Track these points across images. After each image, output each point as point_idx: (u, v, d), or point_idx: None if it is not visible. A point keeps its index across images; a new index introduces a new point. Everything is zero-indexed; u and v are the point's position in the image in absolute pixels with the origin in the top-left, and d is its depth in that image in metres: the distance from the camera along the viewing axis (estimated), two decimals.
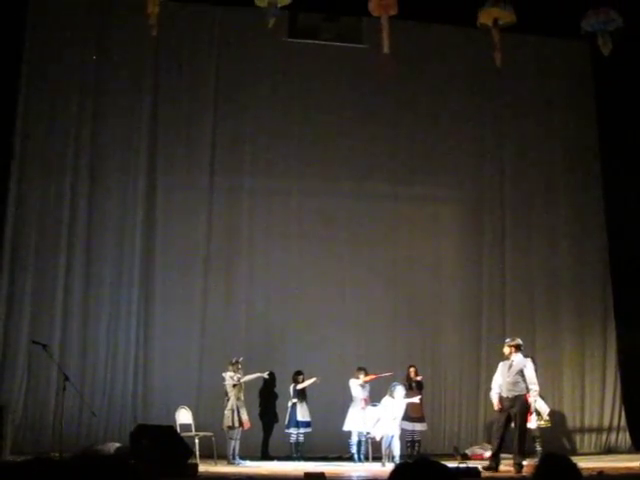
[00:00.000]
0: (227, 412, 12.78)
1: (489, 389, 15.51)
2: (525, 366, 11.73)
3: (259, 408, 14.13)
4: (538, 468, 3.44)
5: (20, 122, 14.80)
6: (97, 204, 15.00)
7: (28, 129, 14.84)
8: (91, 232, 14.89)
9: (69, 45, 15.11)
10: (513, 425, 11.66)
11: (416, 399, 13.63)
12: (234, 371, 12.93)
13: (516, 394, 11.60)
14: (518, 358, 11.79)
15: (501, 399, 11.86)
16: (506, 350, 11.94)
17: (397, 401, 12.85)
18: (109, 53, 15.30)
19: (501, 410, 11.75)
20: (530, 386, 11.62)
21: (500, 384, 11.86)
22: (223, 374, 13.01)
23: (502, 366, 11.97)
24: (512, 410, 11.59)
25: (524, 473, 10.82)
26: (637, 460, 11.61)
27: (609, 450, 15.73)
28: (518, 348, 11.90)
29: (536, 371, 12.18)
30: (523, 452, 11.46)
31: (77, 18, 15.24)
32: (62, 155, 14.92)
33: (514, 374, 11.66)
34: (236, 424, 12.75)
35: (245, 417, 12.93)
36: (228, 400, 12.85)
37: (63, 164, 14.90)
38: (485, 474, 10.44)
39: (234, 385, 12.87)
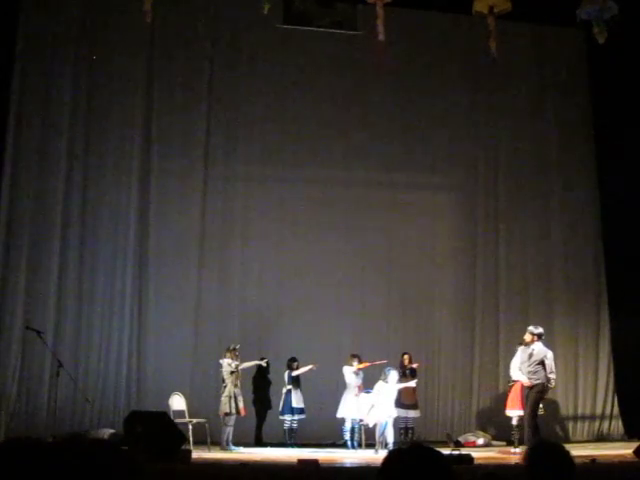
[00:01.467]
0: (224, 399, 12.79)
1: (482, 377, 15.71)
2: (546, 356, 11.81)
3: (253, 395, 14.15)
4: (529, 456, 3.44)
5: (14, 105, 14.72)
6: (91, 193, 14.95)
7: (22, 113, 14.76)
8: (85, 220, 14.86)
9: (63, 32, 15.05)
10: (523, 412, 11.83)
11: (412, 383, 13.68)
12: (232, 358, 12.93)
13: (535, 382, 11.71)
14: (539, 347, 11.89)
15: (521, 386, 12.04)
16: (527, 337, 12.04)
17: (390, 385, 12.87)
18: (103, 41, 15.21)
19: (531, 387, 11.79)
20: (549, 375, 11.72)
21: (519, 368, 11.98)
22: (220, 361, 13.02)
23: (521, 352, 12.10)
24: (528, 396, 11.76)
25: (517, 460, 10.86)
26: (630, 448, 11.63)
27: (602, 438, 15.78)
28: (540, 337, 11.99)
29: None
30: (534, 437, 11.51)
31: (71, 3, 15.17)
32: (56, 143, 14.84)
33: (535, 363, 11.76)
34: (233, 411, 12.77)
35: (242, 404, 12.97)
36: (225, 387, 12.85)
37: (57, 152, 14.82)
38: (478, 460, 10.45)
39: (232, 372, 12.88)
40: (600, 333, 16.31)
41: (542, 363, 11.76)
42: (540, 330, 12.10)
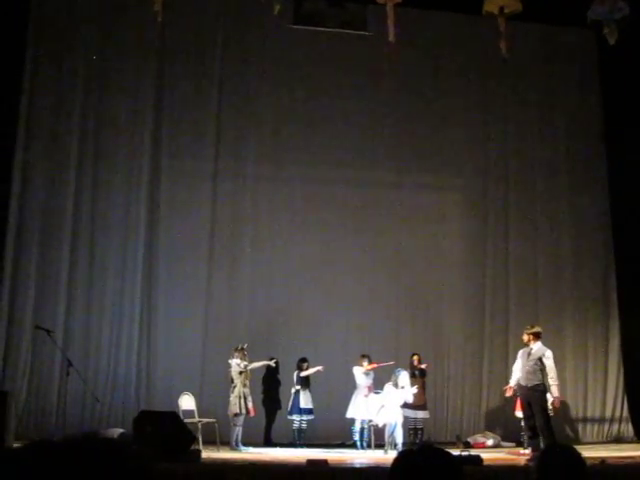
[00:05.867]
0: (234, 399, 12.79)
1: (492, 377, 15.67)
2: (544, 355, 11.70)
3: (262, 395, 14.15)
4: (542, 458, 3.42)
5: (24, 108, 14.75)
6: (101, 191, 14.97)
7: (32, 113, 14.80)
8: (95, 218, 14.88)
9: (73, 30, 15.07)
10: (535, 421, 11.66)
11: (413, 389, 13.67)
12: (240, 358, 12.93)
13: (535, 383, 11.59)
14: (537, 346, 11.77)
15: (520, 387, 11.90)
16: (525, 338, 11.93)
17: (403, 387, 12.84)
18: (114, 39, 15.26)
19: (528, 388, 11.69)
20: (550, 380, 11.59)
21: (519, 376, 11.86)
22: (229, 361, 13.01)
23: (522, 354, 11.97)
24: (531, 400, 11.62)
25: (526, 463, 10.82)
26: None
27: (612, 440, 15.73)
28: (537, 336, 11.88)
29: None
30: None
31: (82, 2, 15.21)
32: (66, 143, 14.87)
33: (532, 363, 11.64)
34: (242, 411, 12.78)
35: (251, 404, 12.97)
36: (234, 387, 12.85)
37: (67, 152, 14.85)
38: (487, 461, 10.42)
39: (240, 372, 12.87)
40: (610, 334, 16.25)
41: (540, 362, 11.65)
42: (537, 329, 11.99)
